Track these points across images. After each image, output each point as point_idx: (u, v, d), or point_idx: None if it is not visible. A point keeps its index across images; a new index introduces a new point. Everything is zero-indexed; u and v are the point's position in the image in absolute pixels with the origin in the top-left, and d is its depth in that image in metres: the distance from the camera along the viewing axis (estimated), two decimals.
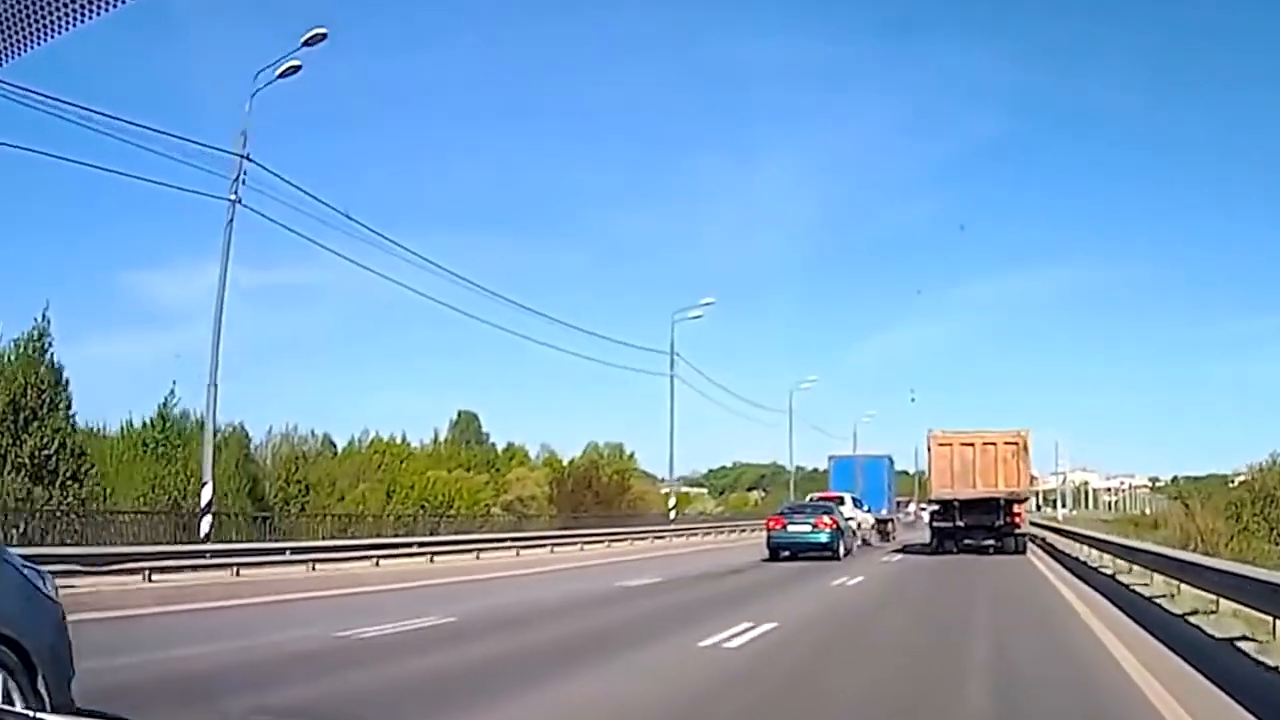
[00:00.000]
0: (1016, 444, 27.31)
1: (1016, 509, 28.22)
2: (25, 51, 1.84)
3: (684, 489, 63.09)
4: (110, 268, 68.90)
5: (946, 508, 28.02)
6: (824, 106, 75.68)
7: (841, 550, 25.17)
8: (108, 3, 1.79)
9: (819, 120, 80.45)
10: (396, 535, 28.29)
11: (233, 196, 19.68)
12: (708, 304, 36.46)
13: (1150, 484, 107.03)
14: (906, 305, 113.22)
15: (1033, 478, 32.91)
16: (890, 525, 35.74)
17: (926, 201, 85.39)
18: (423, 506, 42.12)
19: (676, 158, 78.18)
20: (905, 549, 30.82)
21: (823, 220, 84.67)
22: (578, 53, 69.98)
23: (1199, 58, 70.10)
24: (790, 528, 25.38)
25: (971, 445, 27.44)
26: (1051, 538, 32.62)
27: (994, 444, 27.36)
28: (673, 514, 45.87)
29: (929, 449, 27.65)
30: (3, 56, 1.87)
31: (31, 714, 2.22)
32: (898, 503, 44.35)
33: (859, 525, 29.04)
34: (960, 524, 27.71)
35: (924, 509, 38.93)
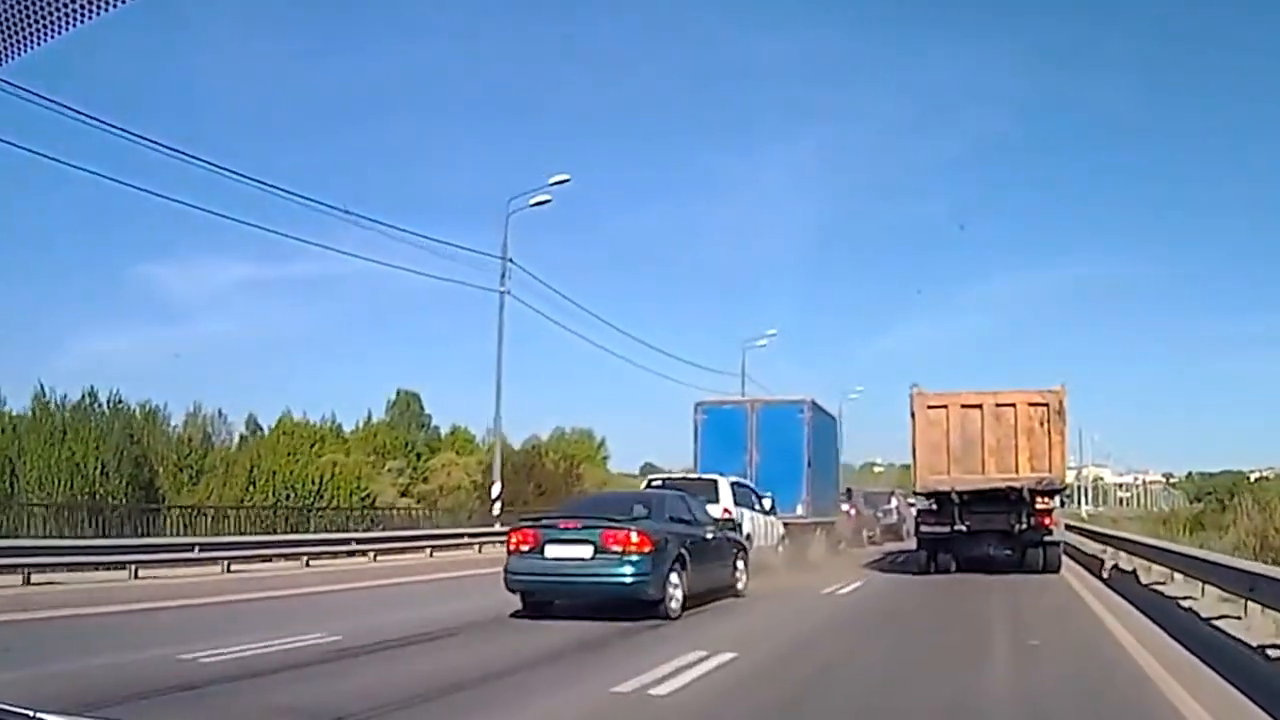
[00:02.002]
0: (1046, 406, 18.22)
1: (1044, 504, 19.23)
2: (25, 52, 1.87)
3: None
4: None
5: (942, 504, 18.89)
6: (826, 105, 74.78)
7: (671, 595, 11.62)
8: (108, 2, 1.80)
9: (820, 119, 78.69)
10: (242, 535, 22.17)
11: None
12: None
13: (1164, 480, 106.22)
14: (907, 305, 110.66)
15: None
16: (826, 533, 20.79)
17: (929, 200, 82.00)
18: (289, 496, 35.52)
19: (679, 155, 78.85)
20: (880, 564, 21.72)
21: (824, 219, 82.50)
22: (578, 52, 68.15)
23: (1201, 56, 64.37)
24: (550, 552, 11.49)
25: (978, 409, 18.32)
26: (1090, 545, 23.54)
27: (1012, 406, 18.26)
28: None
29: (912, 415, 18.47)
30: (3, 56, 1.89)
31: (31, 714, 2.05)
32: (863, 496, 31.46)
33: (754, 534, 15.99)
34: (962, 528, 18.65)
35: (912, 505, 25.43)
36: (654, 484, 16.97)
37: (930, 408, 18.39)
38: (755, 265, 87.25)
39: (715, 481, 16.13)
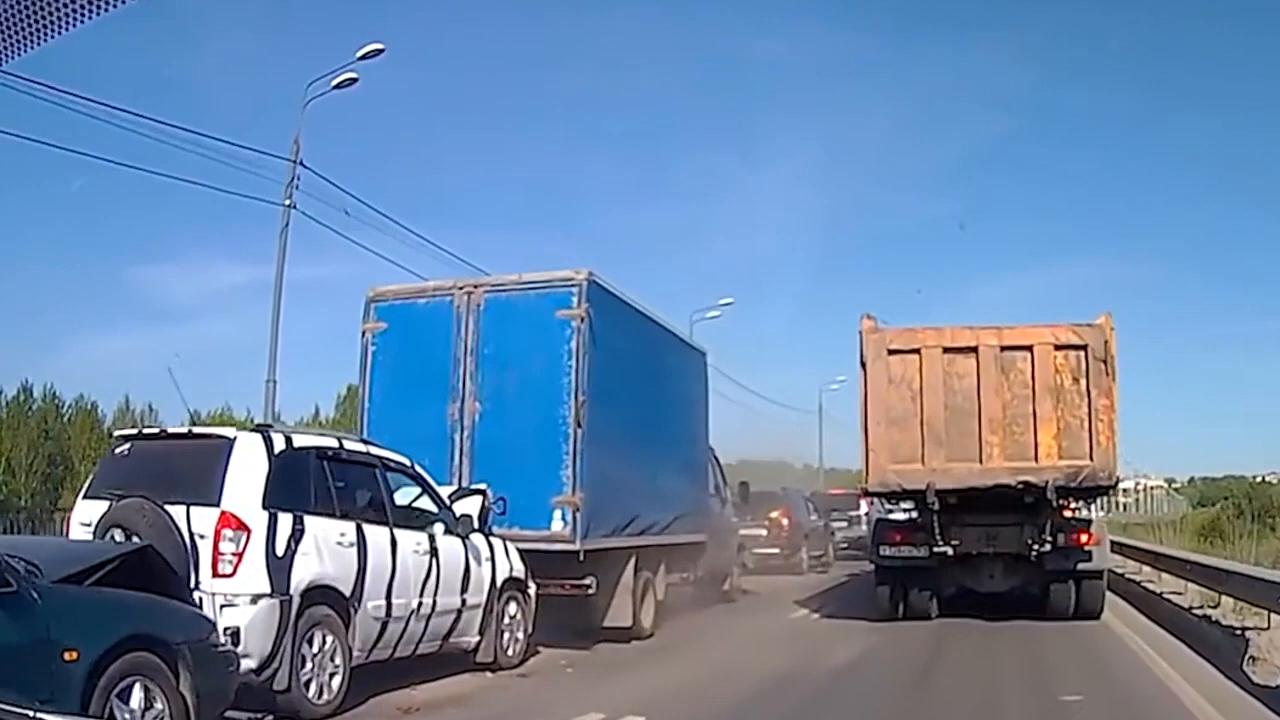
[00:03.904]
0: (1084, 351, 11.00)
1: (1075, 512, 12.23)
2: (26, 51, 1.86)
3: None
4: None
5: (922, 510, 11.70)
6: (828, 104, 69.23)
7: None
8: (108, 2, 1.79)
9: (822, 117, 73.06)
10: None
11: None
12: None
13: (1167, 485, 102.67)
14: (907, 304, 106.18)
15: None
16: (685, 563, 12.07)
17: (929, 200, 78.04)
18: None
19: (680, 155, 73.69)
20: (821, 600, 14.63)
21: (825, 218, 78.89)
22: (578, 49, 63.59)
23: (1202, 55, 63.04)
24: None
25: (972, 354, 11.08)
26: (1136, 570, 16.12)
27: (1027, 351, 11.05)
28: None
29: (863, 365, 11.19)
30: (3, 56, 1.89)
31: (31, 714, 1.99)
32: (809, 500, 23.23)
33: (392, 590, 7.14)
34: (947, 549, 11.45)
35: (890, 510, 16.31)
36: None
37: (893, 353, 11.17)
38: (756, 265, 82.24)
39: (229, 444, 6.42)
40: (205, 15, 40.98)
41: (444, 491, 8.28)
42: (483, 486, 8.74)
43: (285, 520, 6.26)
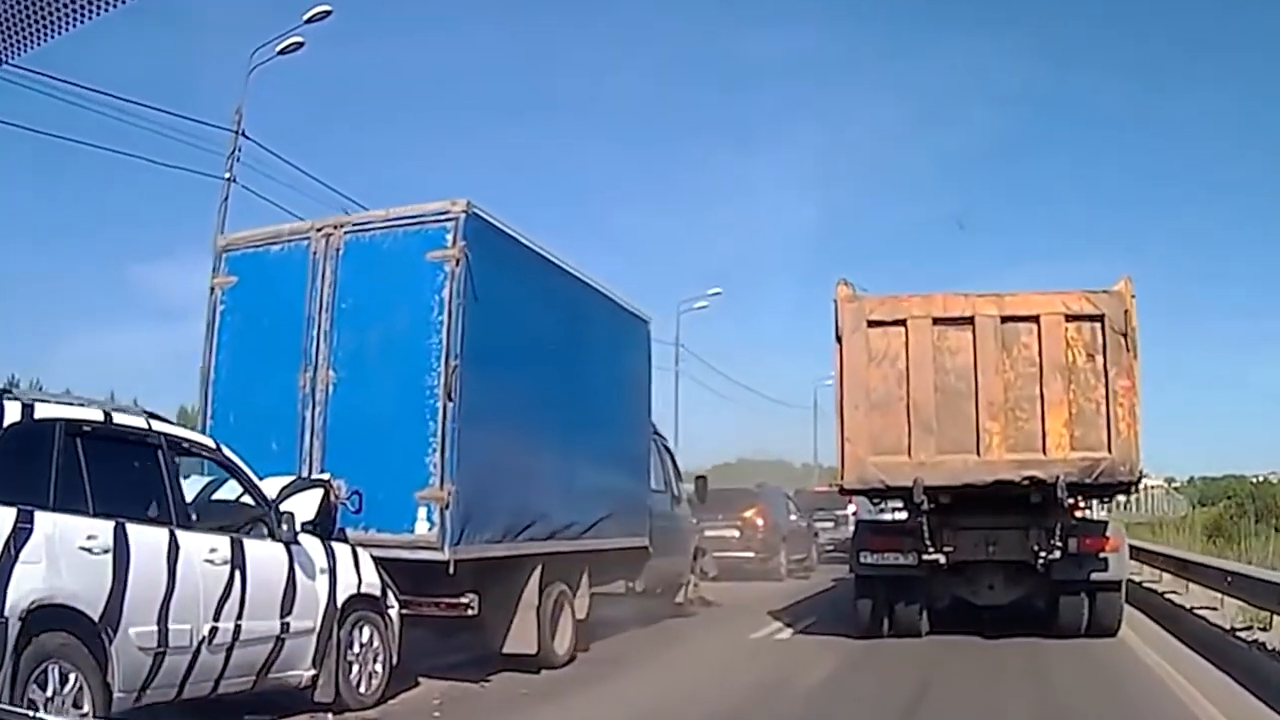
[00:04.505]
0: (1100, 321, 9.27)
1: (1082, 512, 10.57)
2: (26, 51, 1.85)
3: None
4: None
5: (911, 511, 10.05)
6: (828, 102, 67.94)
7: None
8: (108, 2, 1.79)
9: (822, 116, 72.02)
10: None
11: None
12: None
13: (1166, 484, 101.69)
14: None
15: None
16: (619, 572, 10.07)
17: (929, 200, 76.91)
18: None
19: (679, 151, 72.28)
20: (799, 612, 12.76)
21: (825, 216, 78.30)
22: (578, 47, 62.06)
23: (1202, 55, 60.47)
24: None
25: (967, 325, 9.32)
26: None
27: (1033, 322, 9.30)
28: None
29: (839, 339, 9.42)
30: (3, 55, 1.87)
31: (32, 714, 2.03)
32: (790, 500, 20.81)
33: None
34: (938, 556, 9.70)
35: (883, 511, 13.36)
36: None
37: (874, 325, 9.39)
38: (755, 263, 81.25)
39: None
40: None
41: (277, 484, 6.46)
42: (326, 477, 6.87)
43: (3, 516, 4.51)
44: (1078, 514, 10.23)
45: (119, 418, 5.39)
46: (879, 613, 10.34)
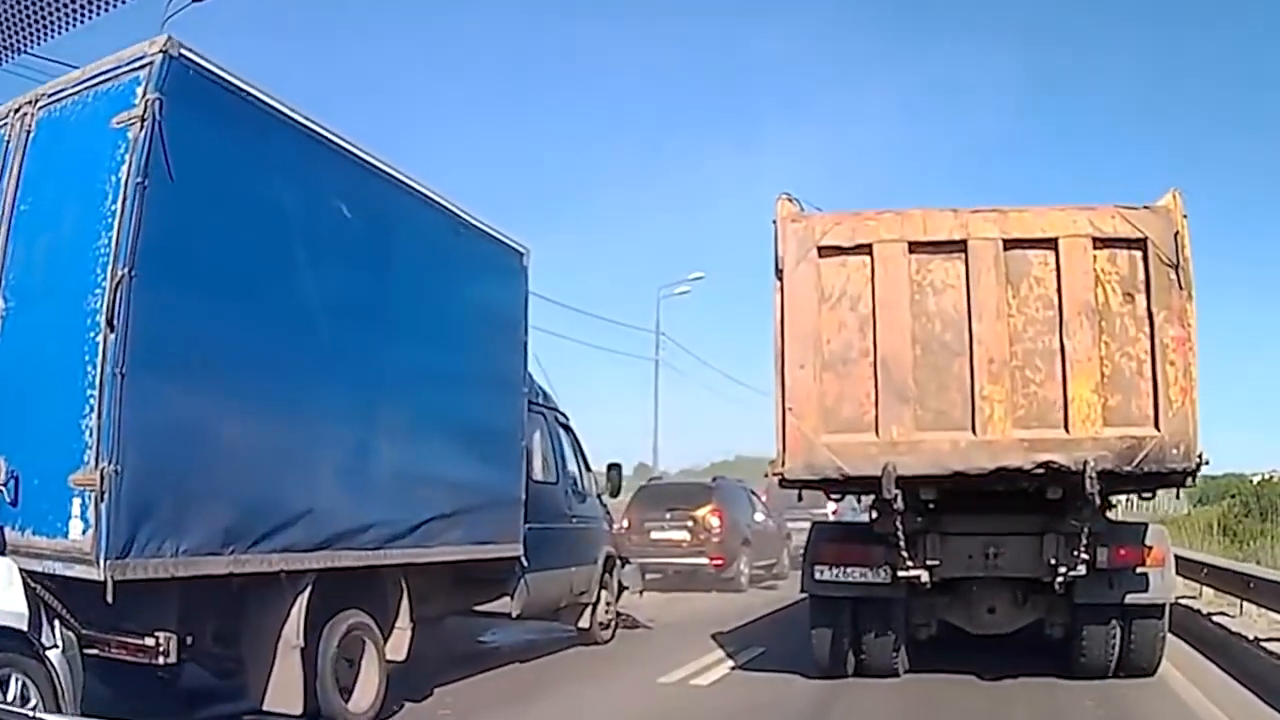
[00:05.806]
0: (1142, 248, 6.67)
1: (1112, 511, 7.93)
2: (26, 50, 1.87)
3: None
4: None
5: (882, 510, 7.16)
6: (828, 100, 68.86)
7: None
8: (108, 2, 1.77)
9: (822, 114, 73.08)
10: None
11: None
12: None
13: None
14: None
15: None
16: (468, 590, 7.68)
17: (929, 199, 75.91)
18: None
19: (679, 148, 73.66)
20: (744, 642, 9.79)
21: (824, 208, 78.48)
22: (578, 44, 63.88)
23: (1204, 53, 59.41)
24: None
25: (957, 252, 6.71)
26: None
27: (1048, 247, 6.69)
28: None
29: (780, 273, 6.74)
30: (3, 55, 1.87)
31: (31, 714, 2.01)
32: (755, 498, 17.60)
33: None
34: (919, 571, 7.11)
35: (859, 511, 10.26)
36: None
37: (828, 252, 6.73)
38: (755, 260, 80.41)
39: None
40: None
41: None
42: None
43: None
44: (1110, 514, 7.65)
45: None
46: (841, 646, 7.75)
